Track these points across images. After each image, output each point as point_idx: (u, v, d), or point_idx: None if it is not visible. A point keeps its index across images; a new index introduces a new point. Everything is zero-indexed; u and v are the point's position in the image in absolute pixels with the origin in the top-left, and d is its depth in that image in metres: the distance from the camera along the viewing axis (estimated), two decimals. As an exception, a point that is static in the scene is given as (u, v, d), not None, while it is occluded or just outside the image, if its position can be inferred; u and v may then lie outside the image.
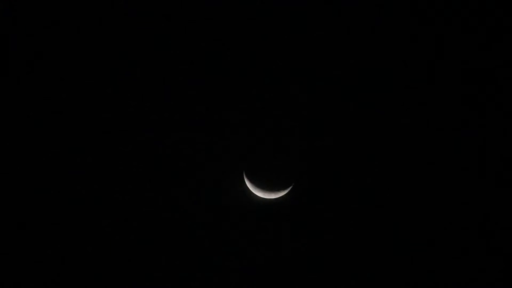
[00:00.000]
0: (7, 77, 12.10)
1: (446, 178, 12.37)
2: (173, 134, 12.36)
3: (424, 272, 12.34)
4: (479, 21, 12.14)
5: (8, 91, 12.11)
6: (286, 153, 12.27)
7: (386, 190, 12.44)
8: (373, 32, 12.21)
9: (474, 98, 12.26)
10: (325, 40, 12.27)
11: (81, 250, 12.27)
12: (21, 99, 12.14)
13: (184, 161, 12.42)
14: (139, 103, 12.35)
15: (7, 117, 12.12)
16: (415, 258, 12.36)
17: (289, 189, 12.26)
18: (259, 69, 12.31)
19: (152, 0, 12.19)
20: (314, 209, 12.47)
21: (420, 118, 12.34)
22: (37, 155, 12.21)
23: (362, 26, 12.22)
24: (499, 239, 12.23)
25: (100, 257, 12.29)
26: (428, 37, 12.22)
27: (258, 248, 12.48)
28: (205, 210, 12.44)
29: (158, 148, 12.38)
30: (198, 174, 12.45)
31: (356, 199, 12.43)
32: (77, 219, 12.28)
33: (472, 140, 12.29)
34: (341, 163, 12.42)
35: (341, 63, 12.31)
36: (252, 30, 12.24)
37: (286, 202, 12.47)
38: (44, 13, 12.08)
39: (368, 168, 12.41)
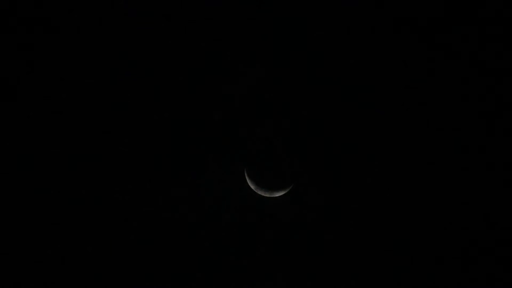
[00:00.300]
0: (7, 77, 12.10)
1: (446, 178, 12.38)
2: (173, 133, 12.37)
3: (424, 272, 12.35)
4: (479, 21, 12.15)
5: (8, 91, 12.11)
6: (287, 151, 12.28)
7: (386, 190, 12.44)
8: (373, 32, 12.22)
9: (474, 98, 12.26)
10: (325, 40, 12.27)
11: (81, 250, 12.27)
12: (21, 99, 12.14)
13: (184, 161, 12.42)
14: (139, 103, 12.35)
15: (7, 117, 12.12)
16: (415, 258, 12.36)
17: (290, 187, 12.28)
18: (259, 69, 12.31)
19: (152, 0, 12.20)
20: (315, 208, 12.47)
21: (420, 118, 12.34)
22: (37, 155, 12.21)
23: (362, 26, 12.22)
24: (499, 239, 12.24)
25: (100, 257, 12.29)
26: (428, 37, 12.22)
27: (258, 246, 12.48)
28: (205, 209, 12.44)
29: (158, 148, 12.39)
30: (199, 173, 12.45)
31: (356, 198, 12.44)
32: (77, 219, 12.29)
33: (472, 140, 12.29)
34: (342, 163, 12.42)
35: (341, 63, 12.32)
36: (252, 30, 12.24)
37: (287, 200, 12.48)
38: (44, 12, 12.09)
39: (368, 168, 12.42)
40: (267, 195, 12.32)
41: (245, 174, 12.30)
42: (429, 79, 12.30)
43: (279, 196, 12.39)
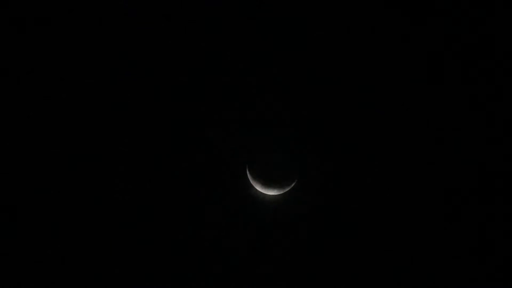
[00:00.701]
0: (7, 77, 12.10)
1: (446, 178, 12.38)
2: (174, 133, 12.37)
3: (424, 272, 12.35)
4: (479, 21, 12.15)
5: (8, 91, 12.11)
6: (289, 149, 12.29)
7: (386, 190, 12.44)
8: (373, 32, 12.22)
9: (474, 98, 12.27)
10: (325, 40, 12.27)
11: (81, 250, 12.27)
12: (21, 99, 12.14)
13: (187, 159, 12.41)
14: (139, 103, 12.35)
15: (7, 117, 12.12)
16: (415, 258, 12.36)
17: (291, 185, 12.31)
18: (259, 69, 12.32)
19: (152, 0, 12.20)
20: (316, 206, 12.47)
21: (420, 118, 12.35)
22: (37, 155, 12.21)
23: (362, 26, 12.23)
24: (499, 239, 12.24)
25: (100, 257, 12.28)
26: (428, 37, 12.23)
27: (258, 245, 12.48)
28: (207, 206, 12.43)
29: (159, 147, 12.39)
30: (201, 170, 12.44)
31: (356, 198, 12.44)
32: (77, 219, 12.28)
33: (472, 140, 12.29)
34: (342, 163, 12.43)
35: (341, 63, 12.32)
36: (252, 30, 12.24)
37: (289, 198, 12.48)
38: (44, 12, 12.09)
39: (368, 168, 12.42)
40: (268, 192, 12.35)
41: (247, 171, 12.32)
42: (429, 79, 12.31)
43: (280, 194, 12.41)
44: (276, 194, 12.40)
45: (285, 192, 12.40)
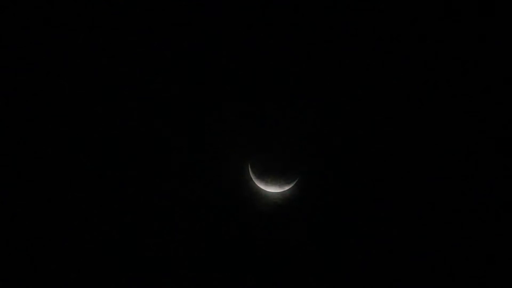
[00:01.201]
0: (7, 77, 12.12)
1: (446, 178, 12.40)
2: (175, 132, 12.39)
3: (424, 272, 12.37)
4: (478, 21, 12.19)
5: (8, 91, 12.13)
6: (291, 148, 12.33)
7: (386, 189, 12.47)
8: (373, 32, 12.25)
9: (474, 98, 12.29)
10: (325, 40, 12.30)
11: (81, 250, 12.28)
12: (21, 99, 12.16)
13: (189, 157, 12.43)
14: (139, 103, 12.37)
15: (7, 117, 12.14)
16: (415, 258, 12.39)
17: (293, 183, 12.34)
18: (263, 68, 12.36)
19: (152, 0, 12.23)
20: (316, 204, 12.49)
21: (420, 118, 12.38)
22: (37, 155, 12.23)
23: (362, 27, 12.26)
24: (498, 239, 12.26)
25: (100, 257, 12.30)
26: (428, 38, 12.26)
27: (261, 241, 12.49)
28: (209, 204, 12.44)
29: (159, 146, 12.41)
30: (203, 167, 12.46)
31: (357, 196, 12.46)
32: (77, 219, 12.30)
33: (472, 140, 12.32)
34: (342, 162, 12.45)
35: (341, 64, 12.35)
36: (252, 30, 12.27)
37: (290, 196, 12.51)
38: (44, 13, 12.12)
39: (369, 167, 12.45)
40: (269, 190, 12.39)
41: (249, 169, 12.36)
42: (429, 79, 12.34)
43: (281, 192, 12.46)
44: (277, 191, 12.43)
45: (286, 190, 12.44)
